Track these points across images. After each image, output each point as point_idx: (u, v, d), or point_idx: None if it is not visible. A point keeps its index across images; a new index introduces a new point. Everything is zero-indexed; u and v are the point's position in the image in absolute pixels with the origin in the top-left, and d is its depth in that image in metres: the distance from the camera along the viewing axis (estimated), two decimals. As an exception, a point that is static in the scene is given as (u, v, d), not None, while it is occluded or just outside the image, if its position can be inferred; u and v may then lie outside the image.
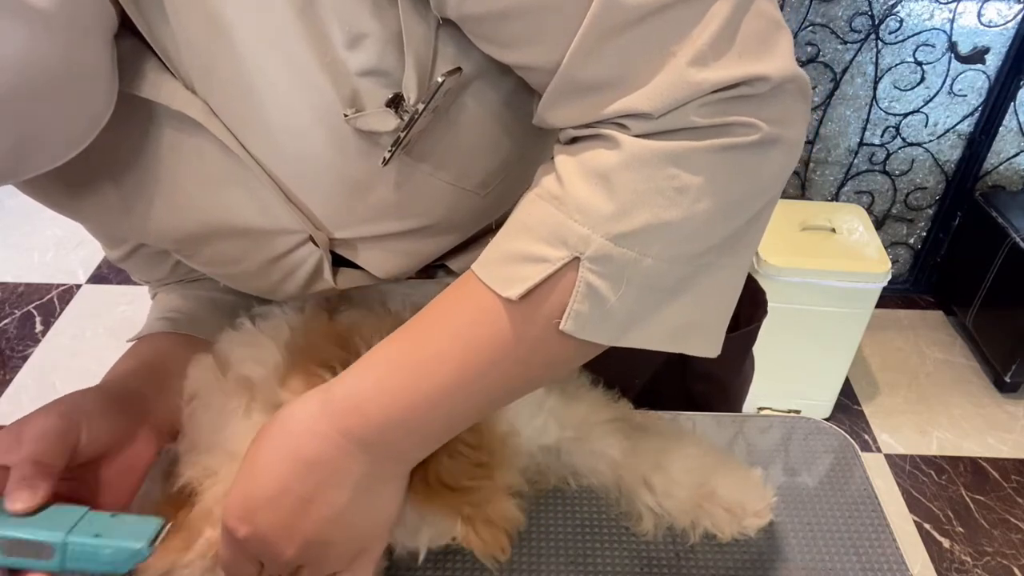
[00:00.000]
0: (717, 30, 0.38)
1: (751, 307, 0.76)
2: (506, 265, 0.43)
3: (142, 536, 0.48)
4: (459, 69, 0.46)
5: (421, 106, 0.46)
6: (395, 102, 0.46)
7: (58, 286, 2.37)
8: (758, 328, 0.78)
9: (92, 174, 0.52)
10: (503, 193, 0.56)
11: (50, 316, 2.27)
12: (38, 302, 2.32)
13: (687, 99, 0.38)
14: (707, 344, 0.47)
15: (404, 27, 0.43)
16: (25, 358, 2.14)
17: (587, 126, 0.42)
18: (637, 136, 0.40)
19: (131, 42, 0.46)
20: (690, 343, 0.45)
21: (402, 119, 0.46)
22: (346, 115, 0.46)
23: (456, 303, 0.46)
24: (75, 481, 0.53)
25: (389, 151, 0.48)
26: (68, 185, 0.54)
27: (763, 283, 1.74)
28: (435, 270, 0.67)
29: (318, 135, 0.48)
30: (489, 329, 0.44)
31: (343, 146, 0.49)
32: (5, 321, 2.26)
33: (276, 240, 0.55)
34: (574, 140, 0.44)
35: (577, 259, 0.41)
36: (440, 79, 0.45)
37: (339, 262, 0.59)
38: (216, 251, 0.57)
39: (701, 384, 0.81)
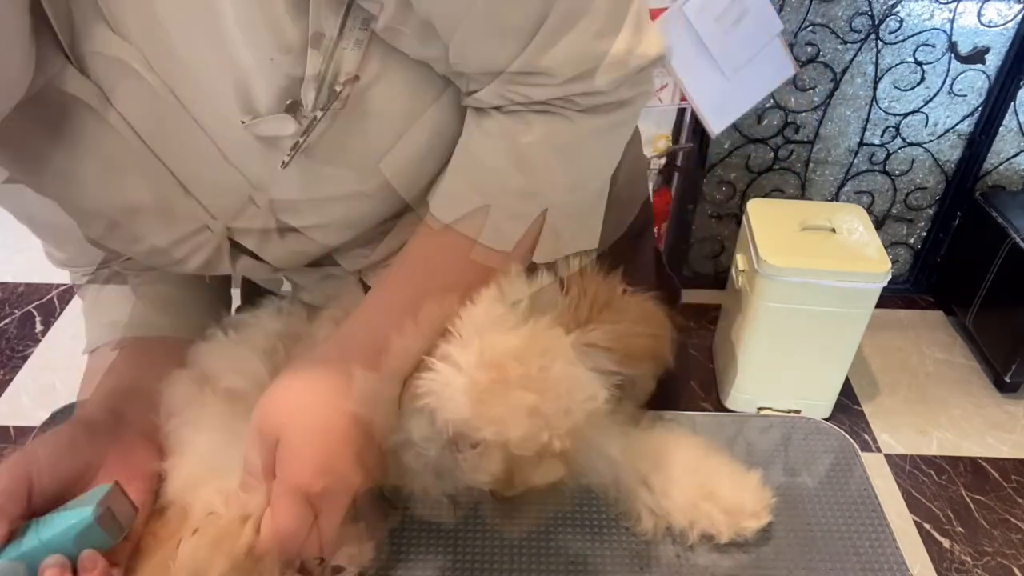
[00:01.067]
0: (610, 8, 0.49)
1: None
2: (491, 225, 0.54)
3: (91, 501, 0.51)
4: (357, 77, 0.49)
5: (319, 113, 0.49)
6: (293, 108, 0.48)
7: (58, 286, 2.37)
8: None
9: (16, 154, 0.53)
10: (394, 195, 0.57)
11: (50, 316, 2.27)
12: (38, 302, 2.32)
13: (624, 77, 0.51)
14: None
15: (311, 36, 0.46)
16: (25, 358, 2.13)
17: (537, 102, 0.52)
18: (580, 112, 0.52)
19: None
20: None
21: (300, 124, 0.49)
22: (243, 122, 0.48)
23: (453, 256, 0.55)
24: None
25: (288, 155, 0.50)
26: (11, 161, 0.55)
27: (763, 283, 1.75)
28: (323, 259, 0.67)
29: (216, 136, 0.50)
30: (481, 269, 0.55)
31: (242, 147, 0.50)
32: (5, 321, 2.26)
33: (174, 225, 0.57)
34: (520, 109, 0.52)
35: (545, 210, 0.55)
36: (339, 88, 0.48)
37: (238, 247, 0.61)
38: (117, 230, 0.58)
39: None
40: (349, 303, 0.61)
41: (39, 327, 2.24)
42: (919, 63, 1.96)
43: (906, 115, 2.05)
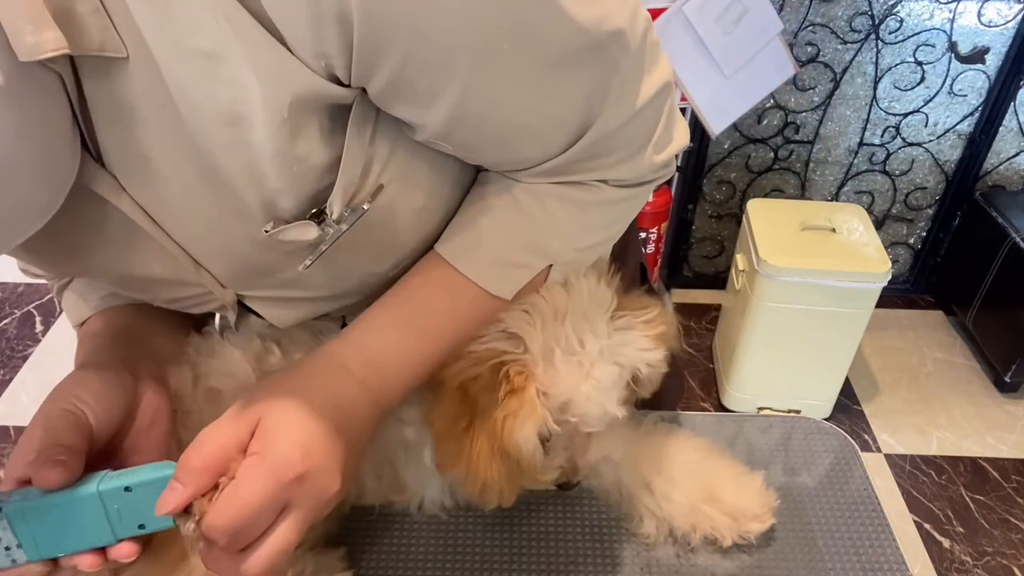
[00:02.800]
0: (664, 126, 0.54)
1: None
2: (495, 269, 0.55)
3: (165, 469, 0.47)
4: (381, 186, 0.49)
5: (344, 227, 0.49)
6: (318, 216, 0.48)
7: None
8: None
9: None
10: (409, 266, 0.58)
11: (50, 316, 2.27)
12: (38, 302, 2.32)
13: (649, 172, 0.56)
14: None
15: (346, 154, 0.46)
16: (25, 358, 2.13)
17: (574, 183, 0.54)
18: (613, 187, 0.55)
19: None
20: None
21: (324, 232, 0.48)
22: (267, 231, 0.48)
23: (450, 293, 0.55)
24: (109, 460, 0.53)
25: (310, 260, 0.51)
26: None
27: (763, 283, 1.75)
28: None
29: (232, 236, 0.49)
30: (479, 312, 0.56)
31: (259, 243, 0.50)
32: (5, 321, 2.26)
33: (183, 288, 0.56)
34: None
35: (551, 265, 0.56)
36: (365, 206, 0.49)
37: (243, 306, 0.61)
38: (122, 286, 0.59)
39: None
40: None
41: (39, 327, 2.24)
42: (919, 63, 1.96)
43: (906, 115, 2.05)
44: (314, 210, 0.48)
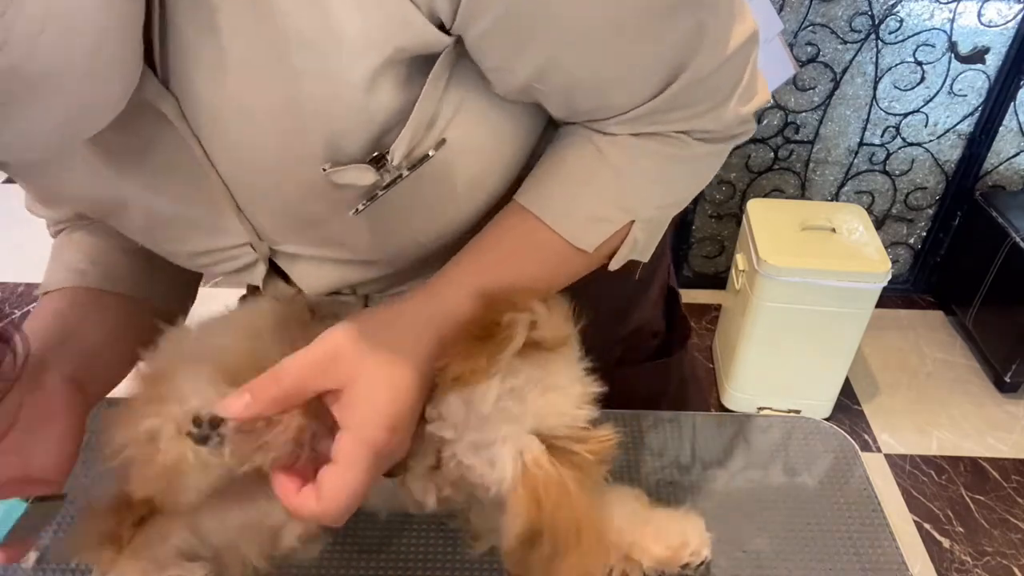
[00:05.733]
0: (749, 76, 0.53)
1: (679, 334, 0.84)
2: (579, 221, 0.55)
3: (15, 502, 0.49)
4: (444, 141, 0.49)
5: (406, 171, 0.49)
6: (378, 161, 0.47)
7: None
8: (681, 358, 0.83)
9: None
10: (450, 242, 0.58)
11: (50, 316, 2.27)
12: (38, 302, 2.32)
13: (734, 123, 0.55)
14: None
15: (421, 101, 0.46)
16: (25, 358, 2.14)
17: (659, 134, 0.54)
18: (697, 140, 0.54)
19: None
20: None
21: (381, 177, 0.48)
22: (324, 169, 0.47)
23: (535, 245, 0.56)
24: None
25: (363, 204, 0.50)
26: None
27: (763, 283, 1.75)
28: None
29: (286, 173, 0.49)
30: (560, 265, 0.56)
31: (308, 187, 0.49)
32: (5, 321, 2.26)
33: (215, 237, 0.55)
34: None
35: (632, 220, 0.56)
36: (431, 152, 0.49)
37: (271, 266, 0.60)
38: (149, 228, 0.56)
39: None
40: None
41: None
42: (919, 63, 1.96)
43: (906, 115, 2.05)
44: (375, 154, 0.47)
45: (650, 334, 0.81)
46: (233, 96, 0.45)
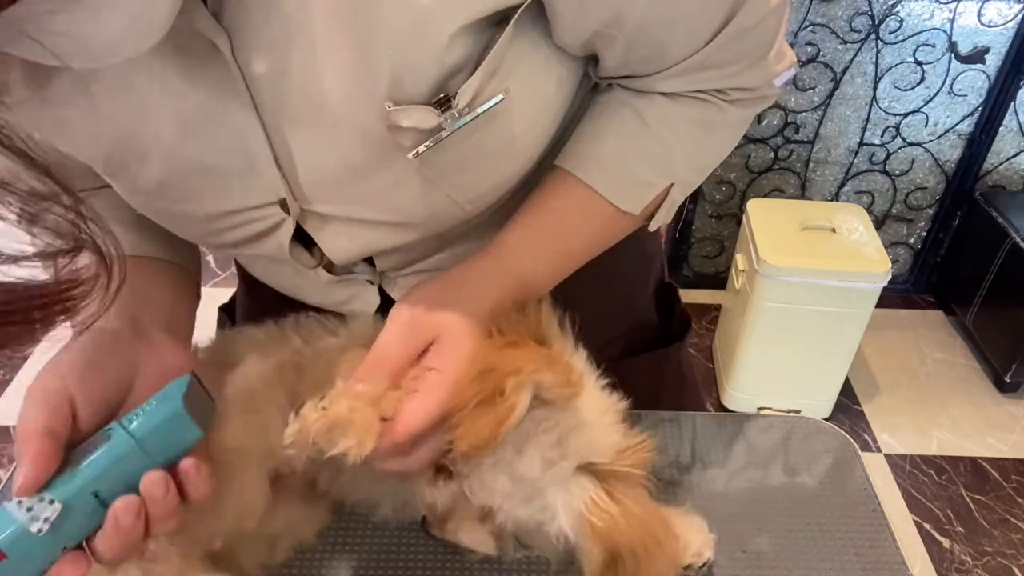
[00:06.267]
0: (781, 35, 0.55)
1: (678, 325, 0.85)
2: (625, 187, 0.58)
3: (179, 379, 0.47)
4: (508, 90, 0.50)
5: (472, 116, 0.49)
6: (442, 103, 0.47)
7: (58, 286, 2.37)
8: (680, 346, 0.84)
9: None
10: (483, 208, 0.58)
11: (50, 316, 2.27)
12: (38, 302, 2.32)
13: (770, 79, 0.57)
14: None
15: (497, 47, 0.46)
16: (25, 358, 2.13)
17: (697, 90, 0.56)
18: (732, 101, 0.57)
19: None
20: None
21: (446, 120, 0.48)
22: (388, 106, 0.46)
23: (587, 211, 0.59)
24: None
25: (425, 146, 0.49)
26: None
27: (763, 283, 1.75)
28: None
29: (342, 113, 0.47)
30: (609, 227, 0.60)
31: (362, 131, 0.48)
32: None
33: (244, 194, 0.53)
34: (669, 95, 0.56)
35: (672, 183, 0.59)
36: (500, 97, 0.49)
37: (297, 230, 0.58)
38: (166, 183, 0.53)
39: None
40: (360, 337, 0.60)
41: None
42: (919, 63, 1.96)
43: (906, 115, 2.05)
44: (440, 96, 0.47)
45: (647, 328, 0.82)
46: (293, 27, 0.44)
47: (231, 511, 0.55)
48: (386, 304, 0.64)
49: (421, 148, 0.49)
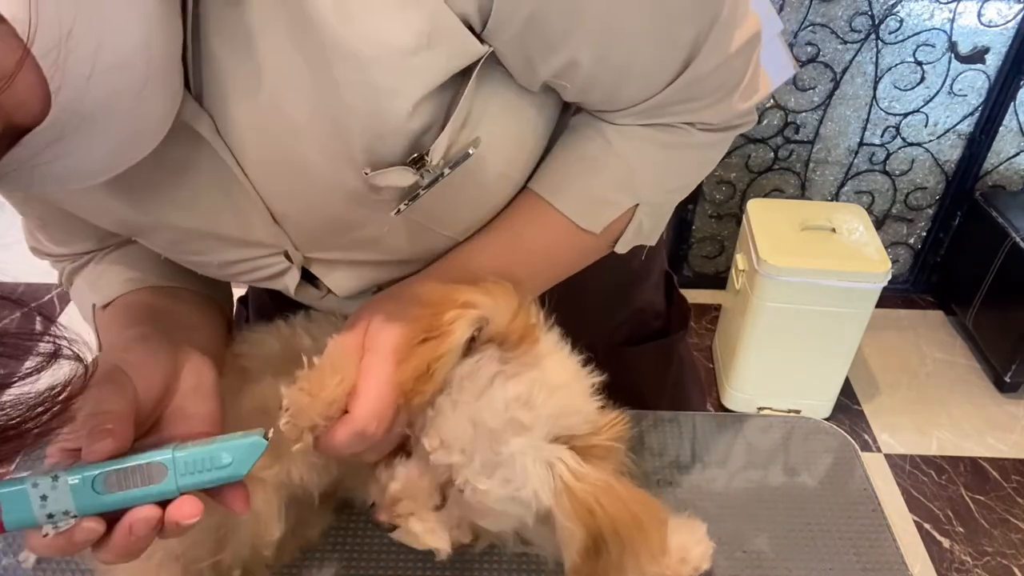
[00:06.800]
0: (750, 76, 0.56)
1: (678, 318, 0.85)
2: (585, 203, 0.58)
3: (251, 436, 0.45)
4: (478, 138, 0.51)
5: (447, 170, 0.50)
6: (417, 162, 0.49)
7: (58, 286, 2.36)
8: (682, 337, 0.84)
9: None
10: (478, 229, 0.59)
11: (50, 316, 2.27)
12: (38, 302, 2.32)
13: (734, 118, 0.57)
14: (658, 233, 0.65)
15: (463, 102, 0.47)
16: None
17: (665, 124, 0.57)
18: (699, 130, 0.57)
19: None
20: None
21: (422, 177, 0.49)
22: (366, 173, 0.48)
23: (543, 225, 0.58)
24: (157, 434, 0.50)
25: (404, 204, 0.51)
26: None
27: (763, 283, 1.75)
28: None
29: (326, 178, 0.49)
30: (569, 245, 0.60)
31: (346, 193, 0.50)
32: (5, 321, 2.26)
33: (248, 248, 0.56)
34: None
35: (638, 204, 0.59)
36: (471, 151, 0.50)
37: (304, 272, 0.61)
38: (177, 243, 0.57)
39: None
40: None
41: (39, 327, 2.23)
42: (919, 63, 1.96)
43: (906, 115, 2.05)
44: (414, 155, 0.48)
45: (652, 315, 0.83)
46: (270, 111, 0.46)
47: (247, 541, 0.55)
48: None
49: (401, 207, 0.51)
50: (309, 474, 0.54)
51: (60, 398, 0.37)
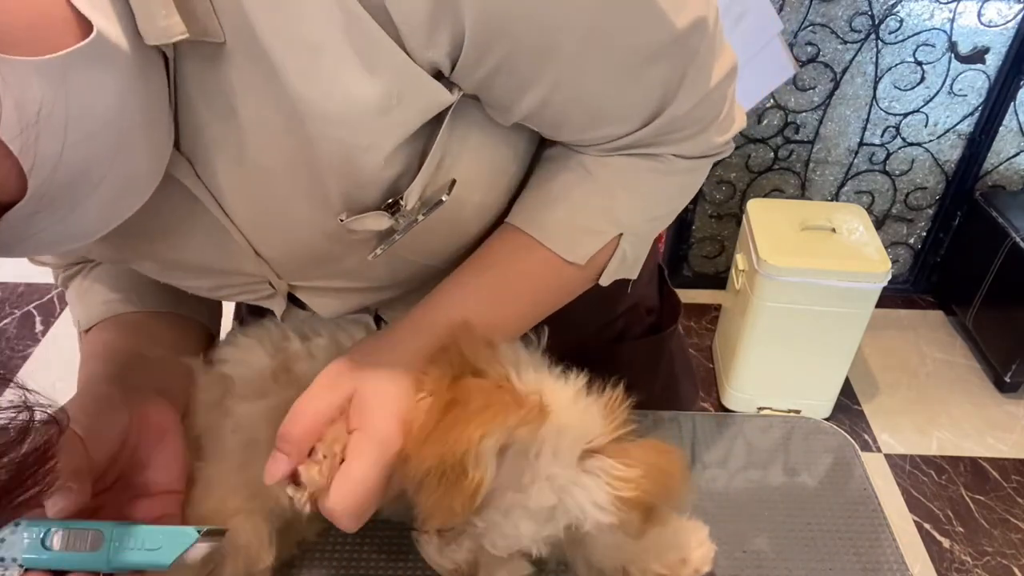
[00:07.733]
0: (727, 110, 0.56)
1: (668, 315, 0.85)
2: (568, 234, 0.56)
3: (188, 530, 0.46)
4: (454, 181, 0.51)
5: (422, 216, 0.50)
6: (393, 207, 0.49)
7: (57, 287, 2.37)
8: (672, 333, 0.84)
9: None
10: (460, 260, 0.59)
11: (50, 316, 2.27)
12: (38, 302, 2.32)
13: (710, 150, 0.57)
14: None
15: (436, 147, 0.47)
16: (25, 358, 2.14)
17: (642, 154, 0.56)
18: (676, 157, 0.56)
19: None
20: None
21: (397, 222, 0.50)
22: (342, 220, 0.48)
23: (526, 259, 0.57)
24: (120, 492, 0.51)
25: (380, 249, 0.52)
26: None
27: (763, 283, 1.75)
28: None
29: (304, 220, 0.50)
30: (554, 278, 0.58)
31: (324, 233, 0.51)
32: (5, 321, 2.26)
33: (233, 278, 0.57)
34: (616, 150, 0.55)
35: (621, 234, 0.57)
36: (444, 198, 0.50)
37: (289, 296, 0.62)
38: (166, 272, 0.58)
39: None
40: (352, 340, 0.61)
41: (39, 327, 2.24)
42: (919, 63, 1.96)
43: (906, 115, 2.05)
44: (389, 200, 0.49)
45: (645, 310, 0.83)
46: (248, 159, 0.46)
47: (240, 571, 0.55)
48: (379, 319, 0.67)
49: (378, 251, 0.52)
50: None
51: (47, 458, 0.38)
